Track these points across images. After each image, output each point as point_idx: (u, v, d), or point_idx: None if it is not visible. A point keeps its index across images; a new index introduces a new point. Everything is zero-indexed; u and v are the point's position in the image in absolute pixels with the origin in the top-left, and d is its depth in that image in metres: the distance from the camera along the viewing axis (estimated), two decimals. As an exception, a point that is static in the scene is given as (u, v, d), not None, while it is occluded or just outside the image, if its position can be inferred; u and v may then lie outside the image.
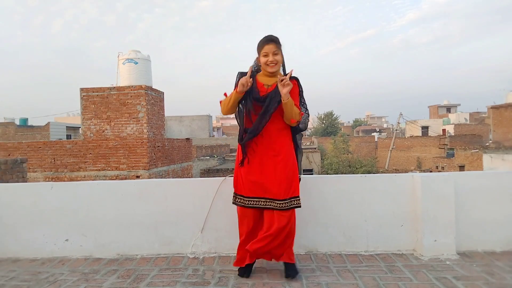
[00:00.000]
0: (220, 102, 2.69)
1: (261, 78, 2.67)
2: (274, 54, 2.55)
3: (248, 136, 2.60)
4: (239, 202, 2.68)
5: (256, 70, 2.69)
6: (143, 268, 2.92)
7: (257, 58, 2.65)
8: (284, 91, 2.45)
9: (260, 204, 2.59)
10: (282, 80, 2.46)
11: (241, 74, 2.62)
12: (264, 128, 2.57)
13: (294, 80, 2.62)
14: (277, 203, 2.53)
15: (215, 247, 3.19)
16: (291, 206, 2.54)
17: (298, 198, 2.58)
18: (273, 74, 2.62)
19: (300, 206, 2.59)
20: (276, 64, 2.57)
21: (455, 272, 2.65)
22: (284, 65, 2.70)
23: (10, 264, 3.12)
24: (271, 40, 2.55)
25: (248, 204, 2.63)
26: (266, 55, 2.55)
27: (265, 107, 2.54)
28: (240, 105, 2.66)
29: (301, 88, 2.68)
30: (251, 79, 2.53)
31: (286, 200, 2.53)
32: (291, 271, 2.62)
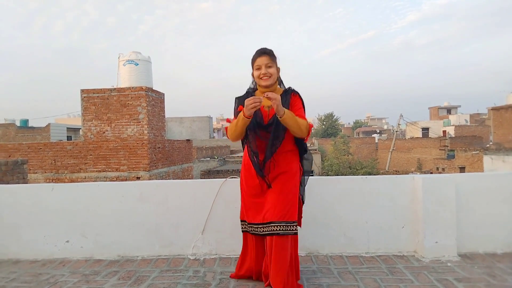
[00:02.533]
0: (226, 128, 2.50)
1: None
2: (267, 66, 2.39)
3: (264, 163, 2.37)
4: (245, 228, 2.56)
5: (252, 89, 2.55)
6: (143, 270, 2.91)
7: (252, 73, 2.50)
8: (274, 106, 2.20)
9: (260, 231, 2.39)
10: (266, 95, 2.22)
11: (239, 100, 2.49)
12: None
13: (296, 94, 2.47)
14: (273, 226, 2.30)
15: (216, 249, 3.18)
16: (287, 231, 2.28)
17: (294, 224, 2.33)
18: (268, 90, 2.42)
19: (296, 233, 2.34)
20: (269, 77, 2.40)
21: (456, 274, 2.65)
22: (280, 78, 2.53)
23: (11, 265, 3.12)
24: (263, 53, 2.41)
25: (252, 231, 2.47)
26: (259, 68, 2.41)
27: (273, 134, 2.33)
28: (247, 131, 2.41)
29: (303, 102, 2.48)
30: (260, 98, 2.23)
31: (282, 223, 2.29)
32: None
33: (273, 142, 2.34)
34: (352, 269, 2.80)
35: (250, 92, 2.53)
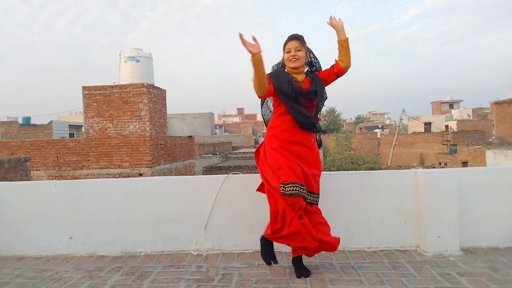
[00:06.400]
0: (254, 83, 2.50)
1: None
2: (297, 50, 2.60)
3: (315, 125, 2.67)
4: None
5: (280, 67, 2.76)
6: (147, 265, 2.93)
7: (283, 57, 2.71)
8: (338, 24, 2.60)
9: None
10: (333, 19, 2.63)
11: (276, 66, 2.75)
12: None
13: (315, 72, 2.73)
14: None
15: (218, 244, 3.20)
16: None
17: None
18: (296, 71, 2.66)
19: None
20: (298, 59, 2.60)
21: (459, 268, 2.65)
22: (315, 63, 2.76)
23: (15, 262, 3.14)
24: (294, 38, 2.63)
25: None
26: (289, 51, 2.62)
27: (319, 101, 2.64)
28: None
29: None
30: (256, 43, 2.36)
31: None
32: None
33: (319, 106, 2.67)
34: (354, 264, 2.80)
35: (279, 70, 2.69)
